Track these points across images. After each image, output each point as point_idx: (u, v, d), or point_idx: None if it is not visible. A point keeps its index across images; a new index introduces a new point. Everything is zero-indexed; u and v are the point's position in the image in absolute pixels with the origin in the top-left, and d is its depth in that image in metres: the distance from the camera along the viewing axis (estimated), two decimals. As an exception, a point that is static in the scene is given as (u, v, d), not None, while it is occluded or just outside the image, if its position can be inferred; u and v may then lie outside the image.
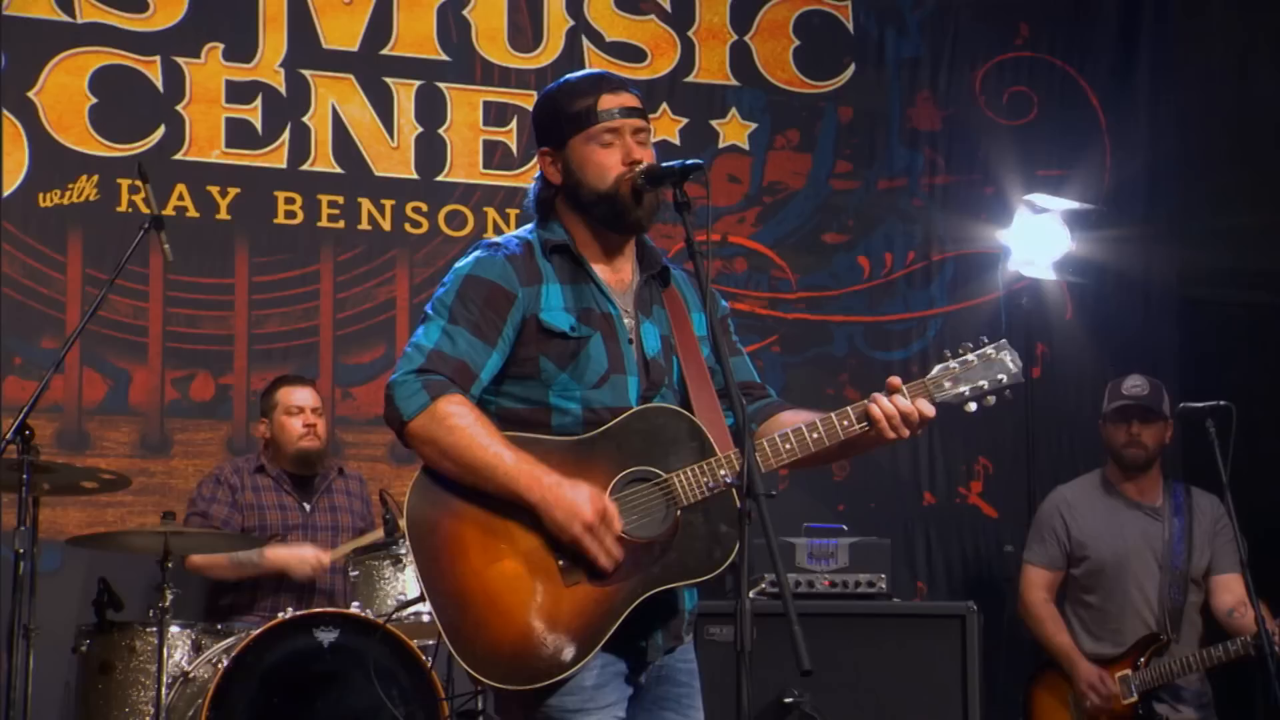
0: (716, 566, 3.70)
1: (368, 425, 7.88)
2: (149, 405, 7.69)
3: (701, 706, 3.91)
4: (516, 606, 3.63)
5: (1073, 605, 6.57)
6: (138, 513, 7.50)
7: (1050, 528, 6.66)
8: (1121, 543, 6.54)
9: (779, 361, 8.48)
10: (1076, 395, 8.67)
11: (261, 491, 7.05)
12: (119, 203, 7.68)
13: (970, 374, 3.84)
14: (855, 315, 8.60)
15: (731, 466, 3.69)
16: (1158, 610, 6.47)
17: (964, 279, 8.70)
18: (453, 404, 3.66)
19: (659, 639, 3.76)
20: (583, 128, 3.87)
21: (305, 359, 7.86)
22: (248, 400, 7.73)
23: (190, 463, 7.67)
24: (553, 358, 3.77)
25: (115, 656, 6.47)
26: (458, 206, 8.14)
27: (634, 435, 3.72)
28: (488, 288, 3.76)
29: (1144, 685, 6.24)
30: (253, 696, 6.08)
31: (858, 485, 8.48)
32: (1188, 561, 6.50)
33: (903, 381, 3.82)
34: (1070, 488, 6.80)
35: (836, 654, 5.62)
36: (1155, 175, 8.83)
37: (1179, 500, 6.62)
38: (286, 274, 7.91)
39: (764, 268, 8.53)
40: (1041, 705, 6.50)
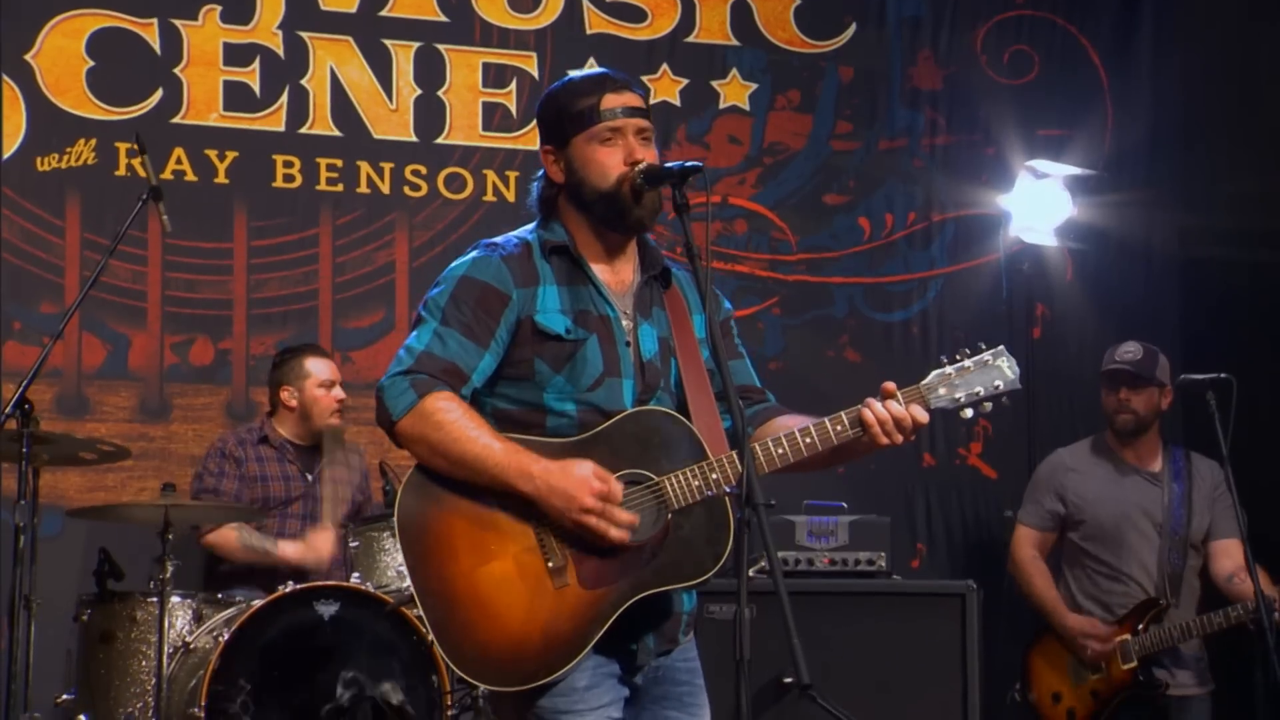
0: (707, 571, 3.70)
1: (367, 389, 7.71)
2: (148, 370, 7.68)
3: (706, 704, 3.90)
4: (505, 608, 3.64)
5: (1071, 570, 6.57)
6: (138, 477, 7.50)
7: (1047, 490, 6.67)
8: (1120, 507, 6.54)
9: (779, 323, 8.46)
10: (1077, 356, 8.65)
11: (265, 463, 7.04)
12: (117, 167, 7.66)
13: (967, 380, 3.82)
14: (855, 277, 8.57)
15: (723, 470, 3.69)
16: (1157, 575, 6.48)
17: (964, 240, 8.67)
18: (440, 400, 3.66)
19: (650, 642, 3.77)
20: (585, 126, 3.86)
21: (304, 323, 7.86)
22: (247, 365, 7.73)
23: (190, 427, 7.67)
24: (547, 360, 3.76)
25: (116, 626, 6.48)
26: (457, 169, 8.11)
27: (626, 438, 3.72)
28: (480, 289, 3.76)
29: (1143, 650, 6.26)
30: (254, 670, 6.10)
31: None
32: (1187, 526, 6.51)
33: (898, 386, 3.80)
34: (1069, 451, 6.80)
35: (836, 632, 5.64)
36: (1157, 137, 8.79)
37: (1179, 465, 6.62)
38: (285, 238, 7.89)
39: (764, 229, 8.50)
40: (1039, 671, 6.51)
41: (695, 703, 3.91)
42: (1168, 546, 6.49)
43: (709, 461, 3.70)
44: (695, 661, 3.93)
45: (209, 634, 6.35)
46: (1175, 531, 6.50)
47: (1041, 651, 6.52)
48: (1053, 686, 6.41)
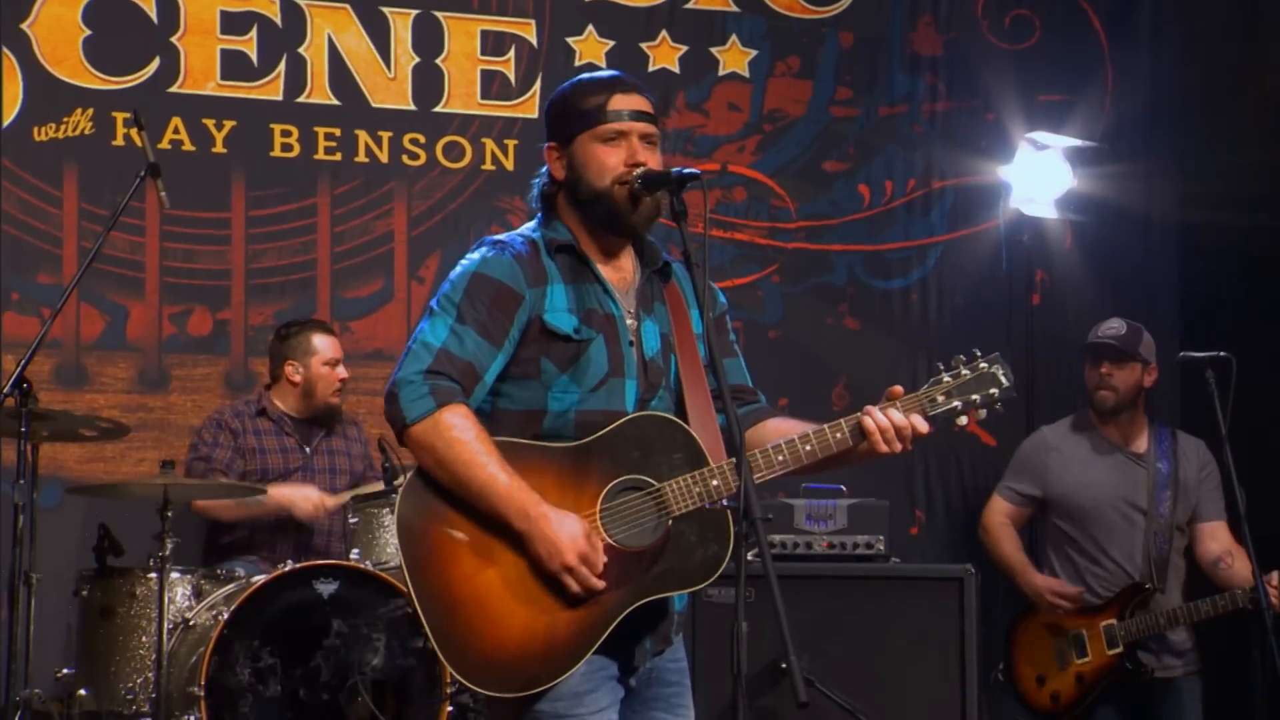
0: (707, 576, 3.70)
1: (366, 359, 7.87)
2: (147, 341, 7.68)
3: (692, 705, 3.93)
4: (508, 614, 3.65)
5: (1055, 553, 6.53)
6: (136, 448, 7.50)
7: (1028, 468, 6.64)
8: (1102, 490, 6.49)
9: (778, 291, 8.45)
10: (1076, 323, 8.61)
11: (263, 435, 7.04)
12: (114, 136, 7.63)
13: (963, 387, 3.85)
14: (855, 244, 8.56)
15: (724, 476, 3.69)
16: (1142, 559, 6.44)
17: (964, 207, 8.65)
18: (456, 415, 3.66)
19: (647, 643, 3.78)
20: (591, 125, 3.85)
21: (303, 293, 7.85)
22: (245, 335, 7.72)
23: (189, 398, 7.67)
24: (554, 359, 3.76)
25: (116, 602, 6.50)
26: (456, 138, 8.08)
27: (627, 443, 3.72)
28: (496, 287, 3.75)
29: (1129, 636, 6.23)
30: (253, 649, 6.12)
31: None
32: (1173, 510, 6.46)
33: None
34: (1053, 430, 6.75)
35: (834, 616, 5.65)
36: (1157, 104, 8.75)
37: (1165, 445, 6.56)
38: (283, 208, 7.87)
39: (764, 197, 8.48)
40: (1023, 653, 6.46)
41: (682, 704, 3.92)
42: (1153, 530, 6.46)
43: (709, 468, 3.71)
44: (683, 662, 3.94)
45: (209, 610, 6.36)
46: (1161, 515, 6.46)
47: (1025, 633, 6.48)
48: (1037, 669, 6.38)
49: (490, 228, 8.06)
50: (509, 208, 8.11)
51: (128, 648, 6.47)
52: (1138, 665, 6.28)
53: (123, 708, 6.42)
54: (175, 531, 6.38)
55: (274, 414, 7.08)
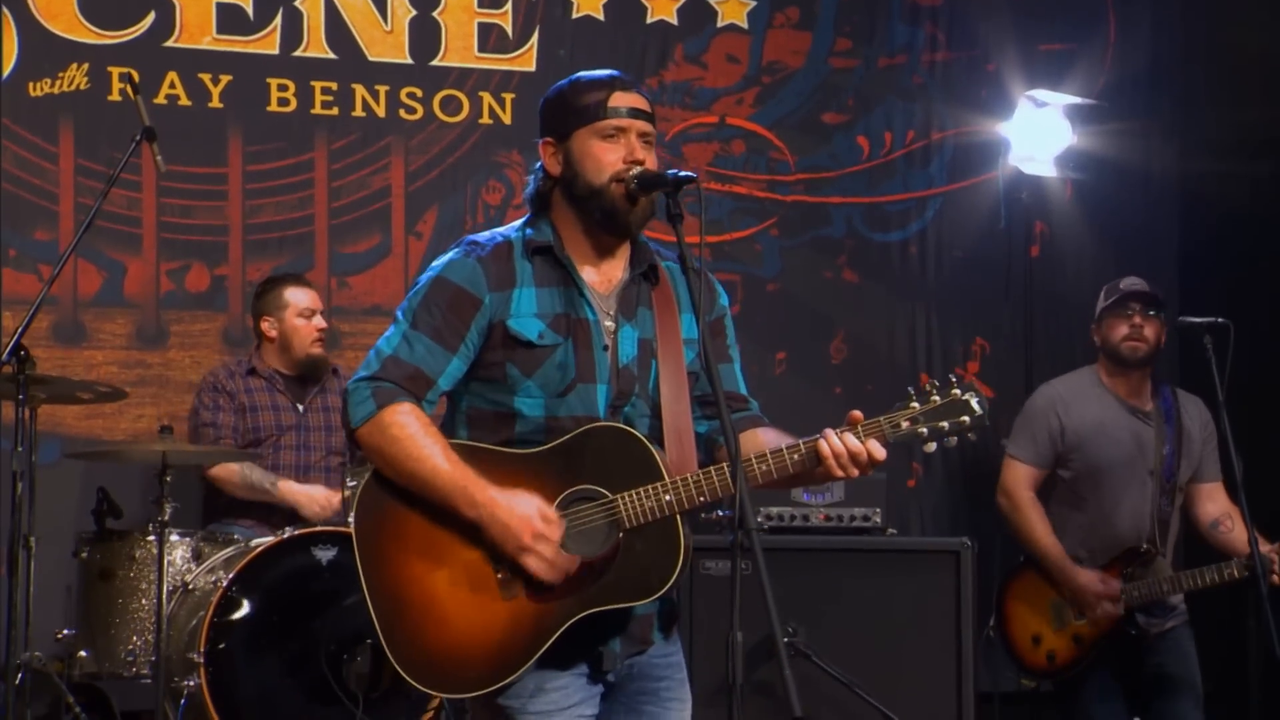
0: (654, 591, 3.68)
1: (364, 315, 7.87)
2: (144, 297, 7.67)
3: (686, 697, 3.92)
4: (452, 615, 3.67)
5: (1060, 509, 6.49)
6: (135, 404, 7.50)
7: (1043, 424, 6.51)
8: (1115, 446, 6.42)
9: (776, 245, 8.44)
10: (1075, 275, 8.64)
11: (255, 394, 7.03)
12: (110, 91, 7.60)
13: (931, 414, 3.78)
14: (854, 197, 8.54)
15: (677, 492, 3.67)
16: (1147, 520, 6.42)
17: (964, 158, 8.62)
18: (398, 414, 3.68)
19: (616, 646, 3.77)
20: (590, 120, 3.82)
21: (300, 248, 7.83)
22: (243, 291, 7.70)
23: (187, 354, 7.67)
24: (519, 364, 3.75)
25: (116, 565, 6.52)
26: (453, 91, 8.04)
27: (584, 453, 3.71)
28: (452, 292, 3.75)
29: (1130, 600, 6.22)
30: (252, 615, 6.15)
31: (854, 368, 8.50)
32: (1178, 469, 6.45)
33: (864, 415, 3.77)
34: (1063, 383, 6.64)
35: (830, 588, 5.67)
36: (1158, 56, 8.71)
37: (1168, 405, 6.51)
38: (280, 163, 7.84)
39: (762, 150, 8.46)
40: (1017, 611, 6.42)
41: (673, 696, 3.91)
42: (1158, 490, 6.44)
43: (664, 483, 3.69)
44: (675, 657, 3.92)
45: (208, 573, 6.38)
46: (1167, 476, 6.43)
47: (1020, 591, 6.42)
48: (1032, 629, 6.35)
49: (488, 181, 8.08)
50: (506, 162, 8.09)
51: (127, 610, 6.50)
52: (1137, 627, 6.27)
53: (123, 670, 6.47)
54: (174, 493, 6.39)
55: (264, 372, 7.06)
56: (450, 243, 7.76)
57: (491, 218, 8.06)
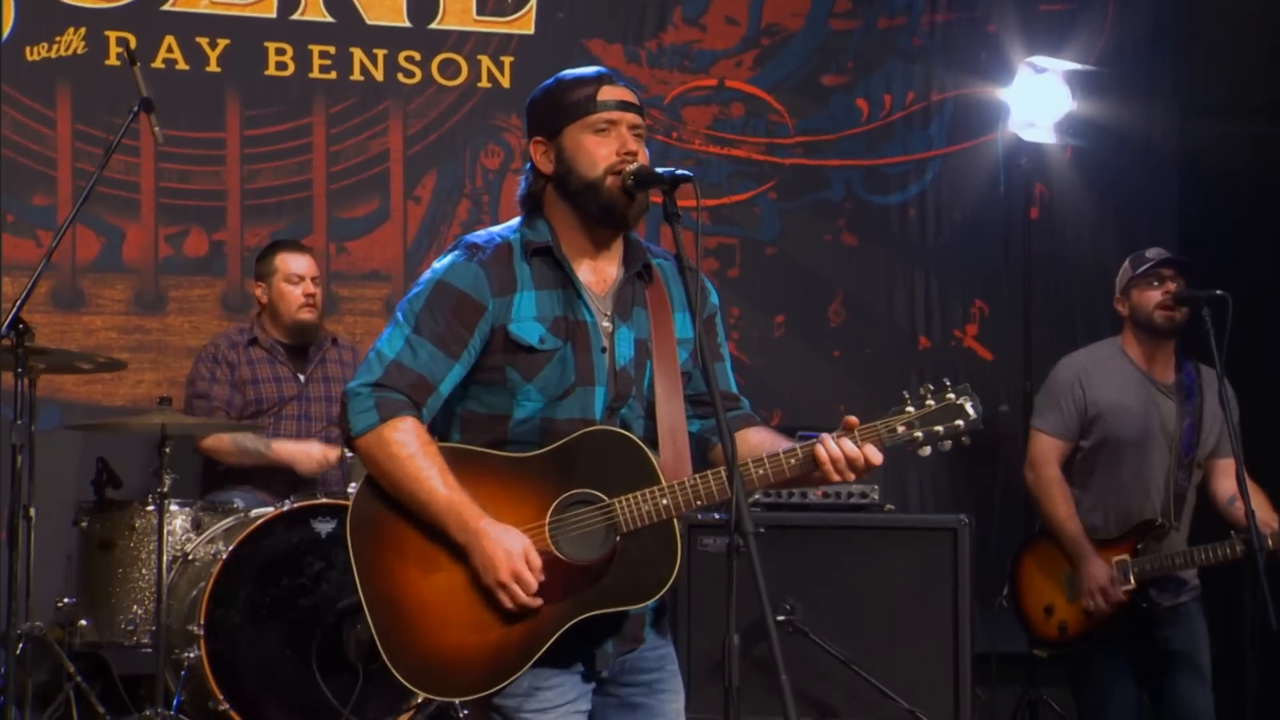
0: (651, 594, 3.70)
1: (362, 280, 7.88)
2: (143, 262, 7.67)
3: (678, 688, 3.92)
4: (449, 619, 3.68)
5: (1077, 479, 6.46)
6: (134, 370, 7.51)
7: (1068, 396, 6.44)
8: (1137, 420, 6.38)
9: (775, 208, 8.43)
10: (1075, 238, 8.64)
11: (256, 365, 7.02)
12: (107, 56, 7.59)
13: (927, 419, 3.78)
14: (853, 159, 8.52)
15: (674, 496, 3.68)
16: (1164, 494, 6.40)
17: (963, 120, 8.59)
18: (399, 430, 3.67)
19: (609, 647, 3.78)
20: (580, 115, 3.81)
21: (299, 213, 7.83)
22: (242, 256, 7.71)
23: (186, 319, 7.67)
24: (519, 369, 3.74)
25: (115, 535, 6.55)
26: (451, 55, 8.02)
27: (581, 457, 3.71)
28: (456, 297, 3.73)
29: (1143, 575, 6.18)
30: (252, 588, 6.17)
31: (853, 331, 8.50)
32: (1197, 444, 6.43)
33: (859, 420, 3.78)
34: (1087, 355, 6.57)
35: (828, 565, 5.68)
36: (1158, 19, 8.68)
37: (1190, 379, 6.46)
38: (278, 127, 7.84)
39: (761, 112, 8.44)
40: (1031, 580, 6.42)
41: (666, 689, 3.91)
42: (1176, 464, 6.42)
43: (661, 487, 3.70)
44: (666, 649, 3.92)
45: (207, 543, 6.41)
46: (1186, 450, 6.41)
47: (1035, 560, 6.42)
48: (1045, 599, 6.36)
49: (487, 145, 8.06)
50: (505, 125, 8.07)
51: (128, 580, 6.52)
52: (1149, 601, 6.27)
53: (123, 639, 6.50)
54: (174, 462, 6.40)
55: (266, 342, 7.05)
56: (448, 206, 7.86)
57: (490, 181, 8.06)
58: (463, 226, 7.98)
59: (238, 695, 6.07)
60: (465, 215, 8.02)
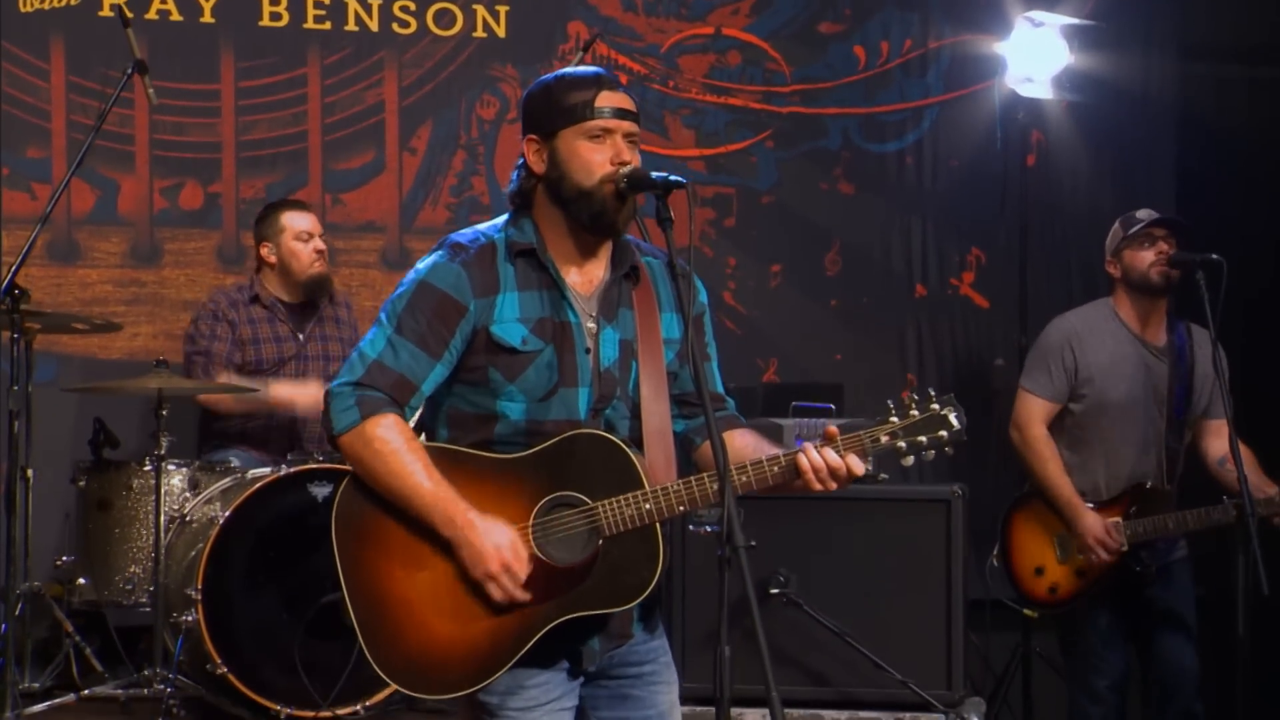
0: (632, 598, 3.72)
1: (358, 231, 7.88)
2: (138, 215, 7.66)
3: (671, 679, 3.95)
4: (432, 618, 3.71)
5: (1069, 443, 6.47)
6: (130, 322, 7.51)
7: (1058, 359, 6.44)
8: (1129, 383, 6.37)
9: (772, 157, 8.41)
10: (1071, 185, 8.63)
11: (257, 324, 7.02)
12: (100, 7, 7.56)
13: (910, 429, 3.79)
14: (850, 107, 8.49)
15: (657, 501, 3.70)
16: (1155, 457, 6.42)
17: (960, 67, 8.55)
18: (381, 426, 3.69)
19: (595, 644, 3.81)
20: (577, 121, 3.80)
21: (294, 165, 7.82)
22: (237, 208, 7.70)
23: (182, 272, 7.67)
24: (501, 369, 3.76)
25: (113, 494, 6.58)
26: (446, 4, 7.98)
27: (565, 460, 3.73)
28: (438, 298, 3.74)
29: (1135, 538, 6.20)
30: (249, 552, 6.20)
31: (850, 280, 8.50)
32: (1188, 407, 6.43)
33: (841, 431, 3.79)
34: (1078, 317, 6.56)
35: (820, 537, 5.70)
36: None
37: (1182, 340, 6.44)
38: (273, 78, 7.81)
39: (758, 61, 8.40)
40: (1022, 541, 6.42)
41: (659, 680, 3.94)
42: (1168, 427, 6.43)
43: (644, 491, 3.72)
44: (656, 641, 3.94)
45: (205, 504, 6.44)
46: (1178, 412, 6.41)
47: (1025, 521, 6.43)
48: (1035, 559, 6.38)
49: (482, 95, 8.04)
50: (501, 75, 8.04)
51: (126, 539, 6.56)
52: (1140, 563, 6.29)
53: (122, 598, 6.54)
54: (171, 421, 6.43)
55: (267, 300, 7.04)
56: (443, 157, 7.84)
57: (486, 132, 8.04)
58: (458, 178, 7.98)
59: (235, 658, 6.11)
60: (461, 166, 8.00)
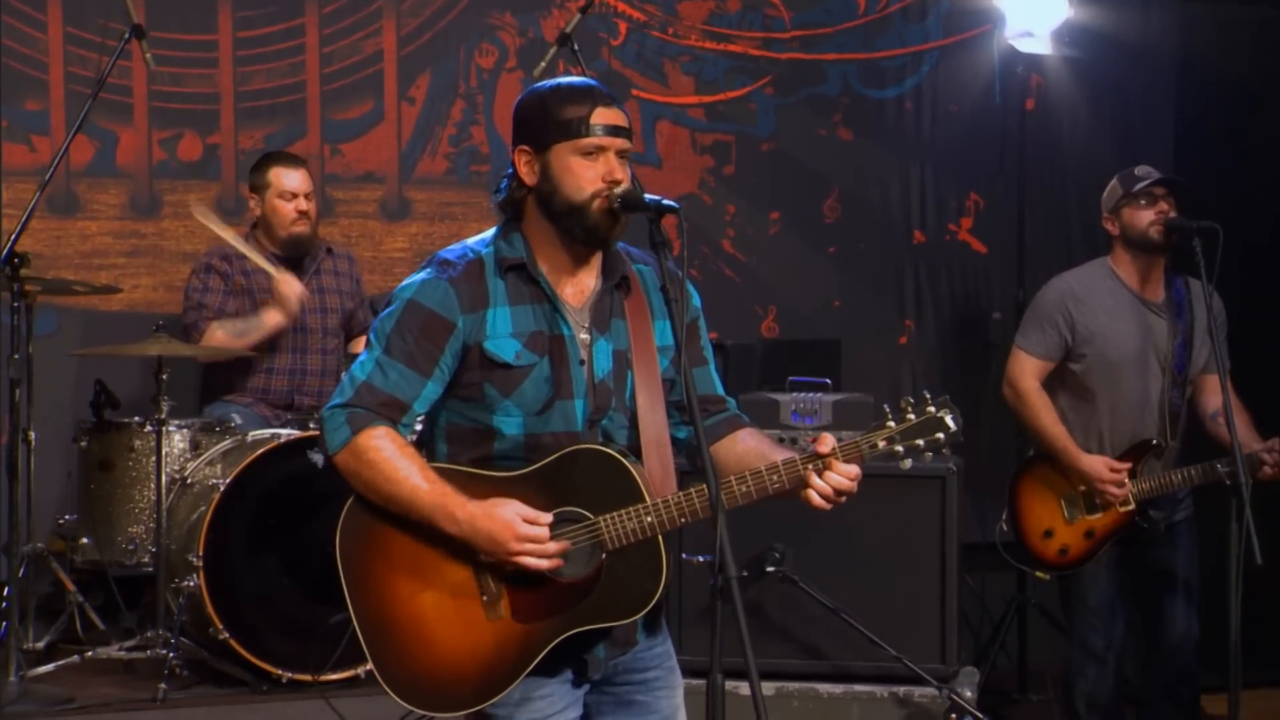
0: (637, 610, 3.77)
1: (357, 182, 7.87)
2: (137, 166, 7.65)
3: (676, 683, 3.99)
4: (439, 636, 3.75)
5: (1071, 403, 6.48)
6: (130, 274, 7.54)
7: (1053, 319, 6.43)
8: (1130, 341, 6.37)
9: (772, 104, 8.40)
10: (1070, 129, 8.62)
11: (251, 275, 7.03)
12: (97, -43, 7.52)
13: (908, 433, 3.81)
14: (849, 53, 8.47)
15: (658, 514, 3.74)
16: (1157, 414, 6.42)
17: (960, 12, 8.53)
18: (374, 437, 3.72)
19: (600, 652, 3.86)
20: (571, 136, 3.79)
21: (292, 115, 7.80)
22: (236, 159, 7.69)
23: (181, 224, 7.67)
24: (496, 385, 3.78)
25: (115, 455, 6.63)
26: (444, -49, 7.97)
27: (567, 475, 3.76)
28: (425, 316, 3.75)
29: (1142, 495, 6.22)
30: (249, 519, 6.25)
31: (848, 227, 8.51)
32: (1189, 362, 6.43)
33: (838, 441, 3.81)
34: (1076, 278, 6.55)
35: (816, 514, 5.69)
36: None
37: (1180, 296, 6.43)
38: (271, 28, 7.78)
39: (757, 6, 8.38)
40: (1029, 505, 6.42)
41: (663, 685, 3.98)
42: (1169, 383, 6.43)
43: (646, 505, 3.75)
44: (661, 647, 3.98)
45: (206, 465, 6.49)
46: (1179, 368, 6.41)
47: (1031, 485, 6.43)
48: (1043, 523, 6.38)
49: (480, 44, 8.01)
50: (499, 24, 8.02)
51: (128, 500, 6.63)
52: (1150, 521, 6.32)
53: (124, 558, 6.62)
54: (172, 378, 6.46)
55: (263, 251, 7.06)
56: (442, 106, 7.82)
57: (485, 81, 8.02)
58: (457, 127, 7.97)
59: (236, 623, 6.18)
60: (460, 116, 7.99)
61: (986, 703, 6.59)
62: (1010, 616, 7.46)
